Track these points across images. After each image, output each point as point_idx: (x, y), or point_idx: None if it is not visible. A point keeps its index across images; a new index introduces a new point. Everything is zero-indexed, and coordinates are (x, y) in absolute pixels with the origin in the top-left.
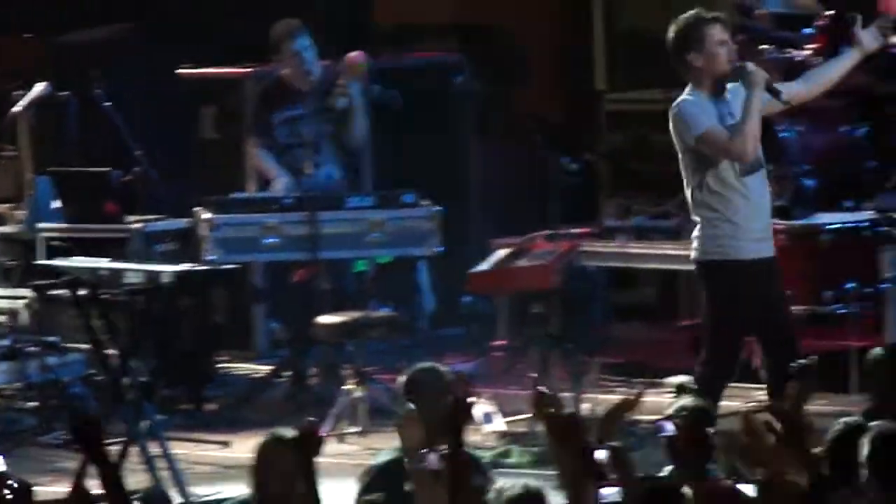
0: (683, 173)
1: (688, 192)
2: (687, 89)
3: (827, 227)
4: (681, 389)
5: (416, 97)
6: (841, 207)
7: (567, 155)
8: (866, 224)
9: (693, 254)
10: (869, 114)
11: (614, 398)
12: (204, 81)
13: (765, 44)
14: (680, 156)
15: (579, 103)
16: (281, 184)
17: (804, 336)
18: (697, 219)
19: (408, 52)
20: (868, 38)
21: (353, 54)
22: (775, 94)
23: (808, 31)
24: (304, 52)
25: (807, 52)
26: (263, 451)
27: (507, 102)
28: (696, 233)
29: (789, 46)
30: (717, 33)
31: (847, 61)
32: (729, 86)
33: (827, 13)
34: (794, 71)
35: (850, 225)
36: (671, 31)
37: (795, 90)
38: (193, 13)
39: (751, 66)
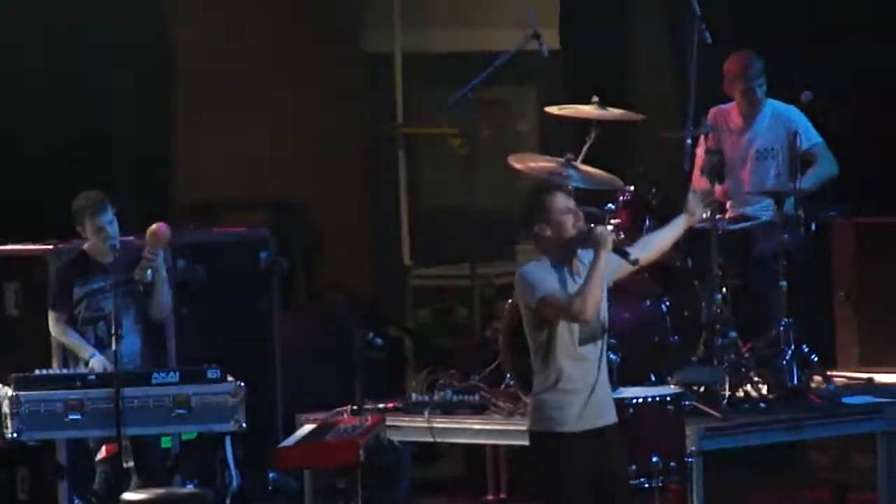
0: (528, 338)
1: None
2: (536, 257)
3: (631, 401)
4: None
5: (222, 271)
6: (645, 381)
7: (373, 329)
8: (670, 398)
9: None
10: (672, 287)
11: None
12: (7, 257)
13: None
14: (524, 321)
15: (386, 278)
16: (97, 362)
17: None
18: (534, 385)
19: (214, 226)
20: (697, 208)
21: (157, 225)
22: (624, 255)
23: (611, 206)
24: (107, 226)
25: (610, 226)
26: None
27: (312, 277)
28: (528, 400)
29: (594, 221)
30: (561, 201)
31: (677, 228)
32: (580, 252)
33: (628, 188)
34: None
35: (653, 399)
36: (518, 207)
37: (640, 254)
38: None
39: (599, 228)
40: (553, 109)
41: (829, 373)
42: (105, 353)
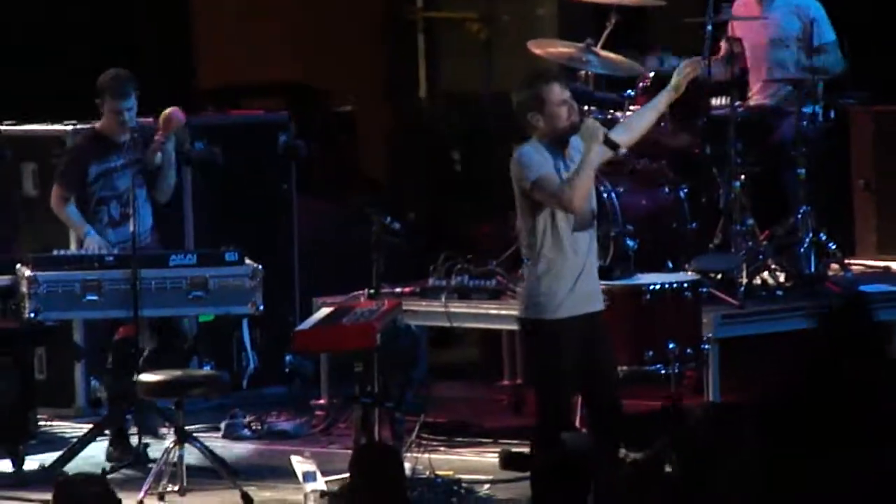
0: (519, 220)
1: (522, 240)
2: (531, 140)
3: (648, 287)
4: (506, 458)
5: (241, 154)
6: (662, 268)
7: (390, 213)
8: (687, 284)
9: (517, 310)
10: (690, 174)
11: (435, 457)
12: (25, 138)
13: (588, 105)
14: (517, 202)
15: (404, 162)
16: (92, 240)
17: (625, 395)
18: (524, 271)
19: (233, 109)
20: (681, 83)
21: (170, 109)
22: (614, 147)
23: (630, 92)
24: (125, 112)
25: (630, 112)
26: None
27: (330, 161)
28: (519, 287)
29: (612, 107)
30: (557, 93)
31: (657, 108)
32: (573, 140)
33: (647, 75)
34: None
35: (671, 285)
36: (514, 93)
37: (624, 139)
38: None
39: (589, 121)
40: None
41: (846, 261)
42: (118, 232)
